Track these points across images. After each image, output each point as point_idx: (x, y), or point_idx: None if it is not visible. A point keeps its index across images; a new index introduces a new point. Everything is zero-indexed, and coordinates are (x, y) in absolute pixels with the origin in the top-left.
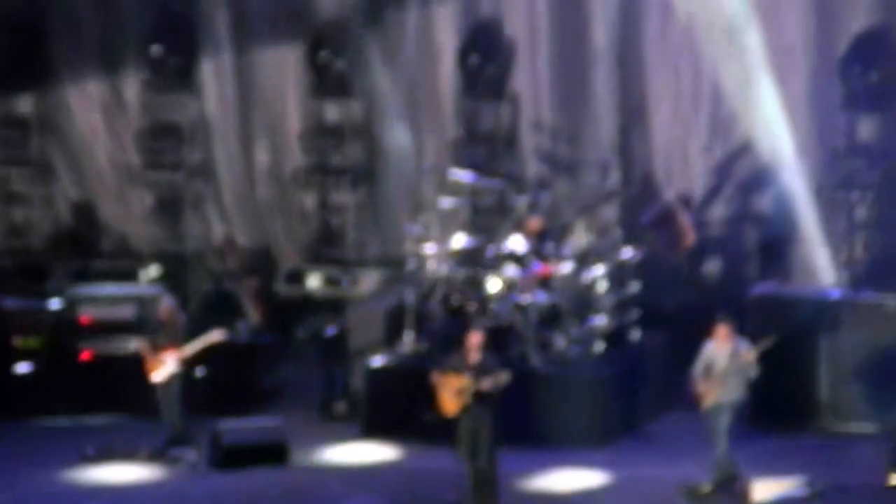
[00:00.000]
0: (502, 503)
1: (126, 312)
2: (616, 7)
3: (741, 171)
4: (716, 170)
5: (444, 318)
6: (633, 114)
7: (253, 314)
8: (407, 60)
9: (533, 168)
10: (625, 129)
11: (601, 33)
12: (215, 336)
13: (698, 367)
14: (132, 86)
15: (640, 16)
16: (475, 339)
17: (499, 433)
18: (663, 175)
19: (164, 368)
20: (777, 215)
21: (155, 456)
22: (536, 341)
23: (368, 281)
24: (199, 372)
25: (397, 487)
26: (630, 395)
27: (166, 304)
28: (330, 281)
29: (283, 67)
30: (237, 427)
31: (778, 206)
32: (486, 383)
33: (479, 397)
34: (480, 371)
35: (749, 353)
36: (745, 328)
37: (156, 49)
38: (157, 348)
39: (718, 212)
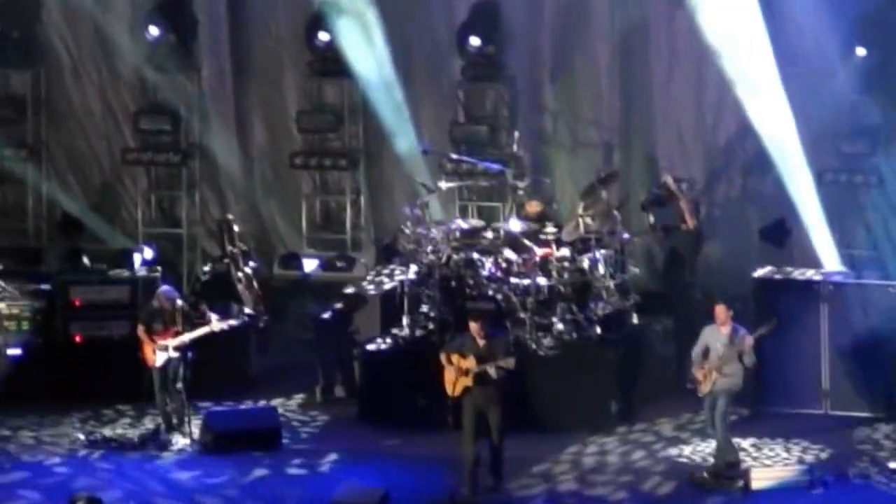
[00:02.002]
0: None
1: (119, 295)
2: None
3: (744, 154)
4: (719, 152)
5: (442, 302)
6: (635, 95)
7: (248, 297)
8: (406, 41)
9: (532, 150)
10: (627, 110)
11: (604, 13)
12: (216, 325)
13: (696, 351)
14: (129, 66)
15: None
16: (473, 325)
17: (506, 417)
18: (666, 157)
19: (162, 354)
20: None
21: (147, 440)
22: (535, 325)
23: (365, 264)
24: (192, 356)
25: (393, 472)
26: (629, 380)
27: (166, 296)
28: (327, 264)
29: (281, 48)
30: (229, 412)
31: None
32: (491, 368)
33: (484, 380)
34: (487, 355)
35: (747, 340)
36: (747, 312)
37: (153, 30)
38: (155, 334)
39: (721, 194)
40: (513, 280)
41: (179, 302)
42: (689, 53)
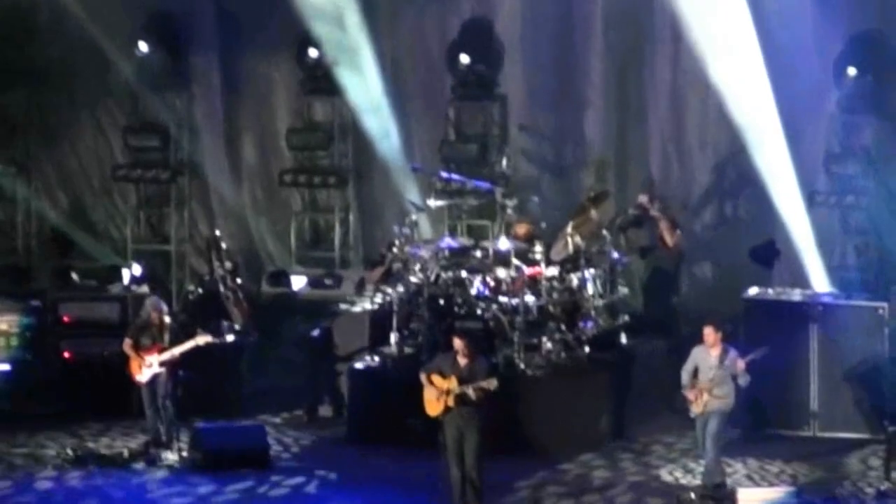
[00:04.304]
0: None
1: (109, 312)
2: (612, 5)
3: (736, 174)
4: (710, 172)
5: (431, 321)
6: (629, 114)
7: (237, 315)
8: (396, 58)
9: (523, 169)
10: (621, 129)
11: (598, 31)
12: (201, 339)
13: (686, 371)
14: (119, 83)
15: (637, 14)
16: (458, 343)
17: (486, 439)
18: (658, 177)
19: (148, 369)
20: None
21: (136, 457)
22: (524, 345)
23: (354, 282)
24: (182, 373)
25: (382, 492)
26: (618, 400)
27: (155, 306)
28: (315, 282)
29: (272, 65)
30: (218, 429)
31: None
32: (471, 389)
33: (463, 401)
34: (468, 375)
35: (739, 363)
36: (738, 332)
37: (143, 46)
38: (142, 349)
39: (712, 214)
40: (502, 299)
41: (167, 318)
42: (683, 73)
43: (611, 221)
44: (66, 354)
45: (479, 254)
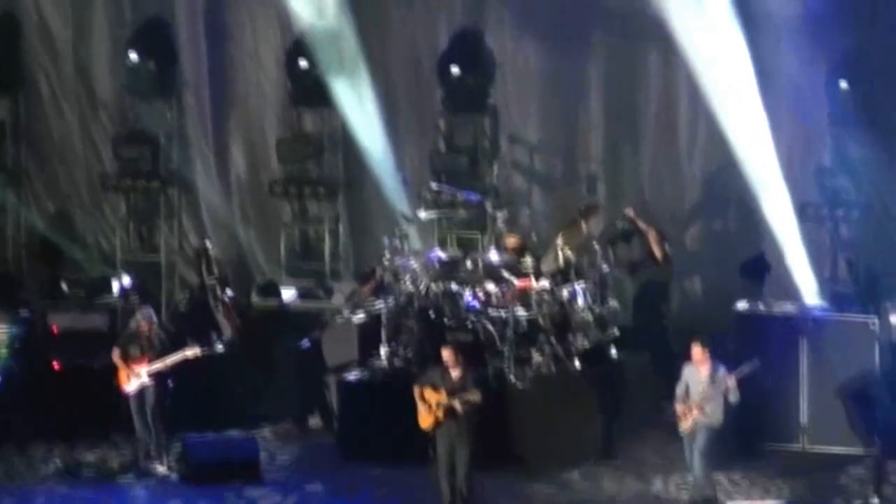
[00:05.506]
0: None
1: (98, 323)
2: (605, 19)
3: (726, 187)
4: (702, 185)
5: (421, 333)
6: (621, 127)
7: (226, 326)
8: (387, 69)
9: (514, 182)
10: (612, 142)
11: (589, 44)
12: (190, 351)
13: (679, 390)
14: (108, 93)
15: (630, 27)
16: (447, 355)
17: (477, 452)
18: (651, 190)
19: (136, 380)
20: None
21: (126, 469)
22: (514, 358)
23: (344, 294)
24: (171, 384)
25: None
26: (608, 414)
27: (145, 316)
28: (305, 293)
29: (261, 76)
30: (207, 441)
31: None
32: (458, 401)
33: (453, 414)
34: (458, 388)
35: (730, 380)
36: (727, 347)
37: (132, 56)
38: (131, 359)
39: (703, 228)
40: (492, 312)
41: (157, 329)
42: (675, 86)
43: (601, 234)
44: (56, 365)
45: (469, 266)
